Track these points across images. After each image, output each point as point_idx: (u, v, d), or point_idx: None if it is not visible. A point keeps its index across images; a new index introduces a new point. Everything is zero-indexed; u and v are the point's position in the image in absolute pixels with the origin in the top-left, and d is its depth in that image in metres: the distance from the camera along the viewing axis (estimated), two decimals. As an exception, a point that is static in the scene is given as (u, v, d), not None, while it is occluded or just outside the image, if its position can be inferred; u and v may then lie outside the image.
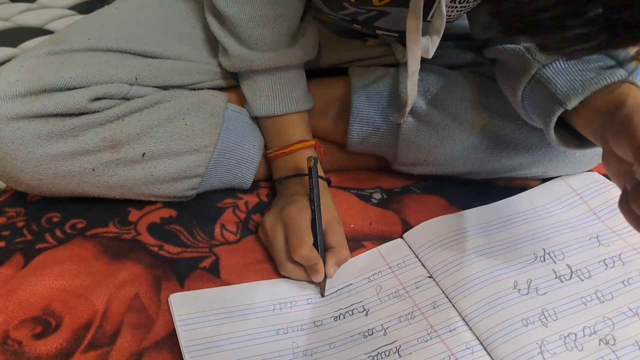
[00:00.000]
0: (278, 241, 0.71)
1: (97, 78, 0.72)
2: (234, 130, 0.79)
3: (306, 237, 0.69)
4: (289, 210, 0.71)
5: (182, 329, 0.64)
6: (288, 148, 0.79)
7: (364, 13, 0.76)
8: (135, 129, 0.74)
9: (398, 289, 0.70)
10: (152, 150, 0.75)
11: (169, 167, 0.76)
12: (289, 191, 0.77)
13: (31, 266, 0.71)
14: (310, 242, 0.69)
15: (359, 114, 0.82)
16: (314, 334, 0.66)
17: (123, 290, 0.69)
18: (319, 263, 0.69)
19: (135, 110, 0.74)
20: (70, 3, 1.37)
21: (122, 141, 0.73)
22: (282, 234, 0.71)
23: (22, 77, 0.71)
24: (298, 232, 0.69)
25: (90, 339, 0.64)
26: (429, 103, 0.79)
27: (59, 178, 0.73)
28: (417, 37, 0.67)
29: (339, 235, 0.73)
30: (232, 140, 0.79)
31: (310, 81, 0.87)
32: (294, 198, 0.74)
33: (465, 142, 0.80)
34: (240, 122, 0.81)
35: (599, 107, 0.63)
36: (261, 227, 0.75)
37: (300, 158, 0.79)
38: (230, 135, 0.79)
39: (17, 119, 0.69)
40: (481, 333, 0.65)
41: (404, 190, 0.86)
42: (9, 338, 0.63)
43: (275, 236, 0.72)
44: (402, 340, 0.65)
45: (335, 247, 0.71)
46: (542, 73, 0.68)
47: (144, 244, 0.75)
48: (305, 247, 0.69)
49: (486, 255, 0.72)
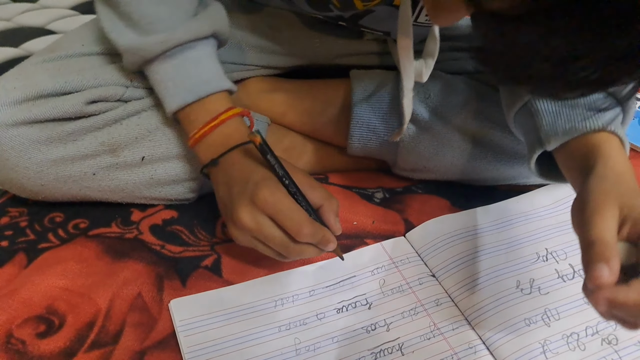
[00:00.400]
0: (271, 231, 0.62)
1: (93, 82, 0.72)
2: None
3: (301, 215, 0.62)
4: (263, 195, 0.61)
5: (183, 335, 0.64)
6: (217, 119, 0.68)
7: (349, 12, 0.75)
8: (134, 132, 0.74)
9: (401, 284, 0.70)
10: (151, 154, 0.75)
11: (169, 170, 0.76)
12: (234, 171, 0.66)
13: (34, 265, 0.71)
14: (306, 216, 0.62)
15: (360, 120, 0.81)
16: (316, 327, 0.66)
17: (125, 289, 0.69)
18: (326, 232, 0.63)
19: (132, 113, 0.74)
20: (72, 3, 1.37)
21: (121, 145, 0.73)
22: (270, 223, 0.62)
23: (19, 84, 0.71)
24: (289, 213, 0.61)
25: (94, 338, 0.64)
26: (429, 110, 0.79)
27: (60, 183, 0.73)
28: (409, 55, 0.67)
29: (319, 189, 0.66)
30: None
31: (310, 82, 0.87)
32: (254, 179, 0.63)
33: (465, 151, 0.80)
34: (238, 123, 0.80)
35: (573, 150, 0.63)
36: (236, 229, 0.64)
37: (231, 130, 0.68)
38: None
39: (16, 125, 0.70)
40: (484, 332, 0.65)
41: (406, 190, 0.86)
42: (13, 337, 0.63)
43: (264, 227, 0.62)
44: (405, 337, 0.65)
45: (324, 203, 0.66)
46: (533, 103, 0.67)
47: (146, 243, 0.75)
48: (306, 225, 0.61)
49: (488, 255, 0.72)
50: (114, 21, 0.70)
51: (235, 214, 0.62)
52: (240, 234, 0.64)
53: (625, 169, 0.58)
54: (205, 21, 0.70)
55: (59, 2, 1.37)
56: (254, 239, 0.63)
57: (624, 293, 0.46)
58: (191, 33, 0.68)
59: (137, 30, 0.68)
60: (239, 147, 0.66)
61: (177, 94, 0.69)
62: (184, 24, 0.68)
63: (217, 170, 0.68)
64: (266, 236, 0.62)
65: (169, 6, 0.68)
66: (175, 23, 0.68)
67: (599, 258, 0.48)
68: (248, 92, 0.86)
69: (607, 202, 0.52)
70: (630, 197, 0.53)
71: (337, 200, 0.67)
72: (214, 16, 0.71)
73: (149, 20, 0.68)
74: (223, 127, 0.68)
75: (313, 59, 0.87)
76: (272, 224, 0.62)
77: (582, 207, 0.54)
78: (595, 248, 0.49)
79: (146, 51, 0.68)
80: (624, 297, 0.46)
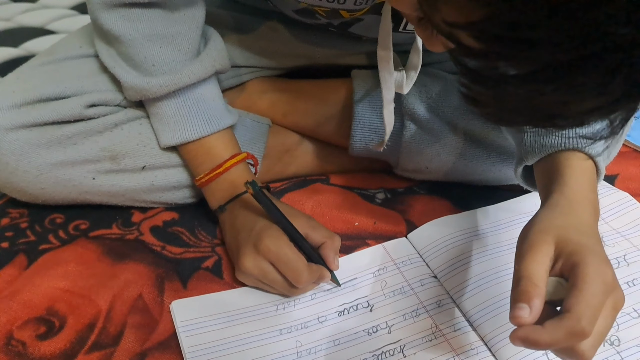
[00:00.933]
0: (273, 276, 0.66)
1: (92, 87, 0.72)
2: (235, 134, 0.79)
3: (298, 263, 0.65)
4: (265, 244, 0.65)
5: (184, 335, 0.64)
6: (222, 167, 0.72)
7: (337, 20, 0.75)
8: (135, 140, 0.74)
9: (403, 286, 0.70)
10: (152, 162, 0.75)
11: (170, 177, 0.76)
12: (240, 218, 0.70)
13: (35, 267, 0.71)
14: (304, 263, 0.66)
15: (362, 120, 0.81)
16: (318, 330, 0.66)
17: (126, 291, 0.69)
18: (322, 271, 0.68)
19: (133, 118, 0.74)
20: (72, 3, 1.37)
21: (122, 153, 0.73)
22: (273, 269, 0.66)
23: (18, 88, 0.71)
24: (289, 263, 0.65)
25: (94, 340, 0.64)
26: (430, 110, 0.79)
27: (60, 187, 0.73)
28: (389, 67, 0.67)
29: (317, 228, 0.70)
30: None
31: (311, 82, 0.87)
32: (258, 228, 0.67)
33: (465, 152, 0.80)
34: (239, 125, 0.80)
35: (543, 168, 0.64)
36: (242, 274, 0.68)
37: (235, 176, 0.72)
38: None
39: (15, 129, 0.70)
40: (486, 334, 0.64)
41: (407, 191, 0.85)
42: (13, 339, 0.63)
43: (268, 274, 0.66)
44: (407, 339, 0.65)
45: (325, 241, 0.69)
46: None
47: (147, 245, 0.75)
48: (304, 273, 0.65)
49: (490, 255, 0.72)
50: (115, 59, 0.71)
51: (240, 261, 0.66)
52: (246, 278, 0.68)
53: (580, 198, 0.58)
54: (207, 62, 0.72)
55: (58, 2, 1.37)
56: (260, 282, 0.67)
57: (537, 334, 0.47)
58: (194, 76, 0.70)
59: (139, 70, 0.70)
60: (241, 195, 0.70)
61: (177, 131, 0.72)
62: (187, 66, 0.70)
63: (224, 215, 0.72)
64: (269, 281, 0.66)
65: (171, 49, 0.70)
66: (178, 65, 0.70)
67: (522, 297, 0.49)
68: (249, 93, 0.86)
69: (544, 239, 0.52)
70: (569, 231, 0.53)
71: (338, 238, 0.70)
72: (215, 54, 0.73)
73: (151, 63, 0.69)
74: (227, 174, 0.72)
75: (313, 59, 0.86)
76: (275, 270, 0.66)
77: (524, 237, 0.54)
78: (521, 286, 0.50)
79: (149, 92, 0.70)
80: (535, 337, 0.47)
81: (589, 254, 0.51)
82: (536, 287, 0.49)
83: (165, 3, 0.69)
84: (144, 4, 0.68)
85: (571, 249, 0.52)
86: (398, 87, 0.68)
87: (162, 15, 0.69)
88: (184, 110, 0.71)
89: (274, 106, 0.86)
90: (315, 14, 0.73)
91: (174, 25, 0.70)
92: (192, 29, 0.71)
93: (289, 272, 0.65)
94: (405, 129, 0.80)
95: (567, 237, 0.52)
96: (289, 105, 0.86)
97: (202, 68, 0.71)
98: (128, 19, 0.68)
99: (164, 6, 0.69)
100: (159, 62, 0.69)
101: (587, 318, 0.47)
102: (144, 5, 0.68)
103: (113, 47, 0.71)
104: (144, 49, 0.69)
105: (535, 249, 0.52)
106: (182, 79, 0.70)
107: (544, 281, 0.50)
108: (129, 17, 0.68)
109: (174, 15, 0.70)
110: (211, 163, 0.72)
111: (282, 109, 0.86)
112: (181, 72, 0.70)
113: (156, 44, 0.69)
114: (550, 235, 0.53)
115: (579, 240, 0.52)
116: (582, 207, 0.57)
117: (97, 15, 0.69)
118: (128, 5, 0.68)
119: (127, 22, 0.68)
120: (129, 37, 0.68)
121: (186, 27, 0.70)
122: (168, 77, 0.69)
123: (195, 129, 0.72)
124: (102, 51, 0.72)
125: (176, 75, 0.69)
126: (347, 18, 0.73)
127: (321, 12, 0.73)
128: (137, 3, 0.68)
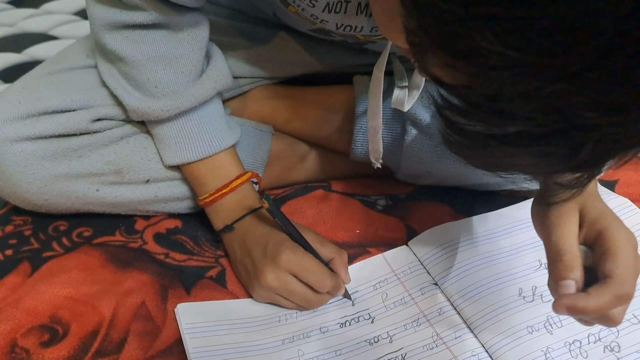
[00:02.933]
0: (295, 286, 0.67)
1: (99, 100, 0.72)
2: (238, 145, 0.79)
3: (322, 269, 0.67)
4: (286, 257, 0.66)
5: (189, 337, 0.64)
6: (228, 187, 0.72)
7: (351, 39, 0.74)
8: (140, 154, 0.74)
9: (404, 296, 0.71)
10: (156, 176, 0.75)
11: (174, 188, 0.76)
12: (252, 238, 0.70)
13: (38, 274, 0.71)
14: (327, 270, 0.68)
15: (364, 126, 0.81)
16: (319, 340, 0.66)
17: (130, 298, 0.69)
18: (338, 282, 0.69)
19: (138, 132, 0.74)
20: (75, 9, 1.38)
21: (127, 167, 0.74)
22: (294, 280, 0.67)
23: (24, 99, 0.71)
24: (312, 269, 0.67)
25: (98, 347, 0.64)
26: (433, 115, 0.79)
27: (63, 198, 0.74)
28: (378, 91, 0.67)
29: (326, 244, 0.71)
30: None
31: (313, 89, 0.87)
32: (273, 242, 0.68)
33: None
34: (243, 135, 0.80)
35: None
36: (261, 289, 0.68)
37: (241, 196, 0.72)
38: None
39: (20, 140, 0.70)
40: (486, 340, 0.65)
41: (408, 197, 0.86)
42: (17, 346, 0.64)
43: (289, 285, 0.67)
44: (408, 347, 0.65)
45: (335, 256, 0.70)
46: None
47: (151, 253, 0.75)
48: (328, 277, 0.67)
49: (491, 262, 0.73)
50: (118, 80, 0.71)
51: (261, 275, 0.67)
52: (264, 292, 0.68)
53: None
54: (208, 84, 0.71)
55: (61, 8, 1.38)
56: (277, 295, 0.68)
57: (583, 301, 0.50)
58: (195, 100, 0.70)
59: (141, 91, 0.70)
60: (252, 212, 0.71)
61: (178, 151, 0.72)
62: (189, 89, 0.70)
63: (231, 235, 0.72)
64: (290, 292, 0.67)
65: (174, 71, 0.70)
66: (181, 87, 0.70)
67: (567, 271, 0.51)
68: (250, 100, 0.86)
69: (571, 207, 0.54)
70: (588, 199, 0.55)
71: (345, 253, 0.72)
72: (216, 74, 0.72)
73: (154, 84, 0.69)
74: (233, 194, 0.72)
75: (319, 68, 0.87)
76: (296, 280, 0.67)
77: (543, 206, 0.56)
78: (565, 260, 0.52)
79: (150, 115, 0.70)
80: (583, 304, 0.50)
81: (613, 219, 0.54)
82: (577, 259, 0.52)
83: (169, 24, 0.68)
84: (147, 25, 0.67)
85: (593, 215, 0.54)
86: (399, 104, 0.68)
87: (166, 37, 0.69)
88: (185, 132, 0.72)
89: (275, 113, 0.86)
90: (331, 33, 0.73)
91: (177, 47, 0.69)
92: (195, 50, 0.71)
93: (313, 278, 0.66)
94: (406, 134, 0.80)
95: (588, 204, 0.55)
96: (291, 112, 0.86)
97: (203, 90, 0.71)
98: (131, 40, 0.68)
99: (168, 27, 0.69)
100: (162, 84, 0.69)
101: (629, 281, 0.50)
102: (148, 27, 0.68)
103: (115, 66, 0.71)
104: (147, 70, 0.69)
105: (566, 218, 0.54)
106: (184, 103, 0.70)
107: (579, 250, 0.53)
108: (132, 38, 0.68)
109: (178, 36, 0.69)
110: (215, 183, 0.72)
111: (284, 116, 0.86)
112: (182, 95, 0.69)
113: (159, 65, 0.69)
114: (575, 203, 0.55)
115: (600, 207, 0.55)
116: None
117: (100, 35, 0.69)
118: (131, 27, 0.67)
119: (131, 43, 0.68)
120: (132, 59, 0.68)
121: (189, 49, 0.70)
122: (170, 101, 0.69)
123: (196, 150, 0.72)
124: (105, 71, 0.72)
125: (177, 99, 0.69)
126: (361, 40, 0.73)
127: (336, 33, 0.73)
128: (140, 25, 0.67)
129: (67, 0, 1.40)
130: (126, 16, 0.66)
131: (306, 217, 0.81)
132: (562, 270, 0.52)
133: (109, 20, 0.67)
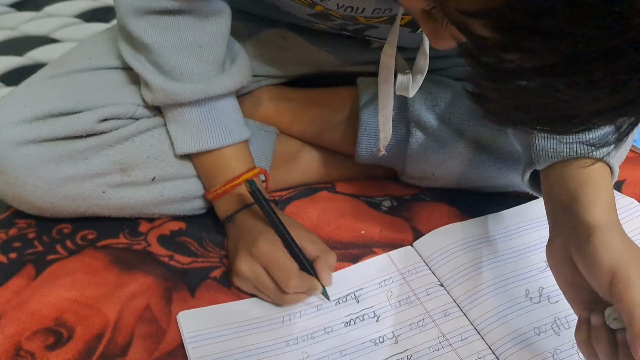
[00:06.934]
0: (264, 281, 0.67)
1: (104, 101, 0.73)
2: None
3: (289, 267, 0.66)
4: (259, 247, 0.67)
5: (191, 346, 0.64)
6: (239, 179, 0.72)
7: (352, 24, 0.76)
8: (146, 153, 0.74)
9: (409, 296, 0.70)
10: (162, 174, 0.75)
11: (179, 187, 0.76)
12: (243, 227, 0.71)
13: (42, 277, 0.71)
14: (296, 268, 0.66)
15: (368, 127, 0.81)
16: (324, 341, 0.66)
17: (134, 301, 0.69)
18: (314, 283, 0.68)
19: (144, 130, 0.74)
20: (76, 11, 1.38)
21: (133, 165, 0.73)
22: (264, 273, 0.67)
23: (29, 102, 0.71)
24: (279, 265, 0.66)
25: (102, 350, 0.64)
26: (437, 117, 0.79)
27: (69, 201, 0.73)
28: (389, 77, 0.67)
29: (316, 242, 0.71)
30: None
31: (317, 90, 0.87)
32: (255, 232, 0.69)
33: (474, 159, 0.80)
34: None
35: (565, 179, 0.61)
36: (237, 277, 0.69)
37: (244, 189, 0.72)
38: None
39: (26, 144, 0.70)
40: (493, 342, 0.64)
41: (413, 198, 0.85)
42: (22, 349, 0.63)
43: (260, 277, 0.67)
44: (414, 349, 0.65)
45: (320, 255, 0.69)
46: None
47: (155, 255, 0.75)
48: (293, 276, 0.66)
49: (497, 263, 0.72)
50: (143, 64, 0.72)
51: (236, 264, 0.68)
52: (242, 282, 0.69)
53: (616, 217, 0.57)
54: (236, 77, 0.74)
55: (63, 11, 1.38)
56: (255, 288, 0.68)
57: None
58: (225, 89, 0.72)
59: (168, 76, 0.71)
60: (250, 206, 0.72)
61: (198, 139, 0.73)
62: (217, 77, 0.72)
63: (231, 225, 0.73)
64: (260, 285, 0.67)
65: (197, 59, 0.71)
66: (205, 76, 0.71)
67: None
68: (254, 101, 0.86)
69: (634, 271, 0.51)
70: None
71: (334, 254, 0.71)
72: (243, 71, 0.75)
73: (180, 72, 0.70)
74: (240, 187, 0.73)
75: (321, 66, 0.87)
76: (266, 274, 0.67)
77: (595, 268, 0.52)
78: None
79: (179, 96, 0.71)
80: None
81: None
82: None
83: (194, 10, 0.69)
84: (173, 11, 0.69)
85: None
86: (404, 90, 0.68)
87: (191, 25, 0.70)
88: (208, 119, 0.73)
89: (280, 114, 0.86)
90: (330, 16, 0.73)
91: (202, 36, 0.71)
92: (219, 40, 0.72)
93: (278, 275, 0.66)
94: (411, 136, 0.80)
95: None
96: (295, 113, 0.86)
97: (233, 82, 0.73)
98: (157, 28, 0.69)
99: (193, 13, 0.70)
100: (187, 72, 0.70)
101: None
102: (174, 13, 0.69)
103: (141, 53, 0.72)
104: (173, 58, 0.70)
105: (633, 283, 0.51)
106: (214, 89, 0.71)
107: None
108: (158, 25, 0.69)
109: (202, 24, 0.71)
110: (226, 176, 0.73)
111: (288, 117, 0.86)
112: (213, 82, 0.71)
113: (184, 53, 0.70)
114: (637, 266, 0.52)
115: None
116: (619, 225, 0.57)
117: (126, 21, 0.69)
118: (158, 12, 0.68)
119: (156, 30, 0.69)
120: (158, 46, 0.69)
121: (213, 40, 0.71)
122: (200, 85, 0.70)
123: (216, 139, 0.73)
124: (129, 55, 0.72)
125: (208, 85, 0.71)
126: (362, 23, 0.73)
127: (336, 15, 0.73)
128: (166, 10, 0.68)
129: (68, 3, 1.40)
130: (152, 1, 0.68)
131: (310, 218, 0.80)
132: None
133: (136, 5, 0.68)
